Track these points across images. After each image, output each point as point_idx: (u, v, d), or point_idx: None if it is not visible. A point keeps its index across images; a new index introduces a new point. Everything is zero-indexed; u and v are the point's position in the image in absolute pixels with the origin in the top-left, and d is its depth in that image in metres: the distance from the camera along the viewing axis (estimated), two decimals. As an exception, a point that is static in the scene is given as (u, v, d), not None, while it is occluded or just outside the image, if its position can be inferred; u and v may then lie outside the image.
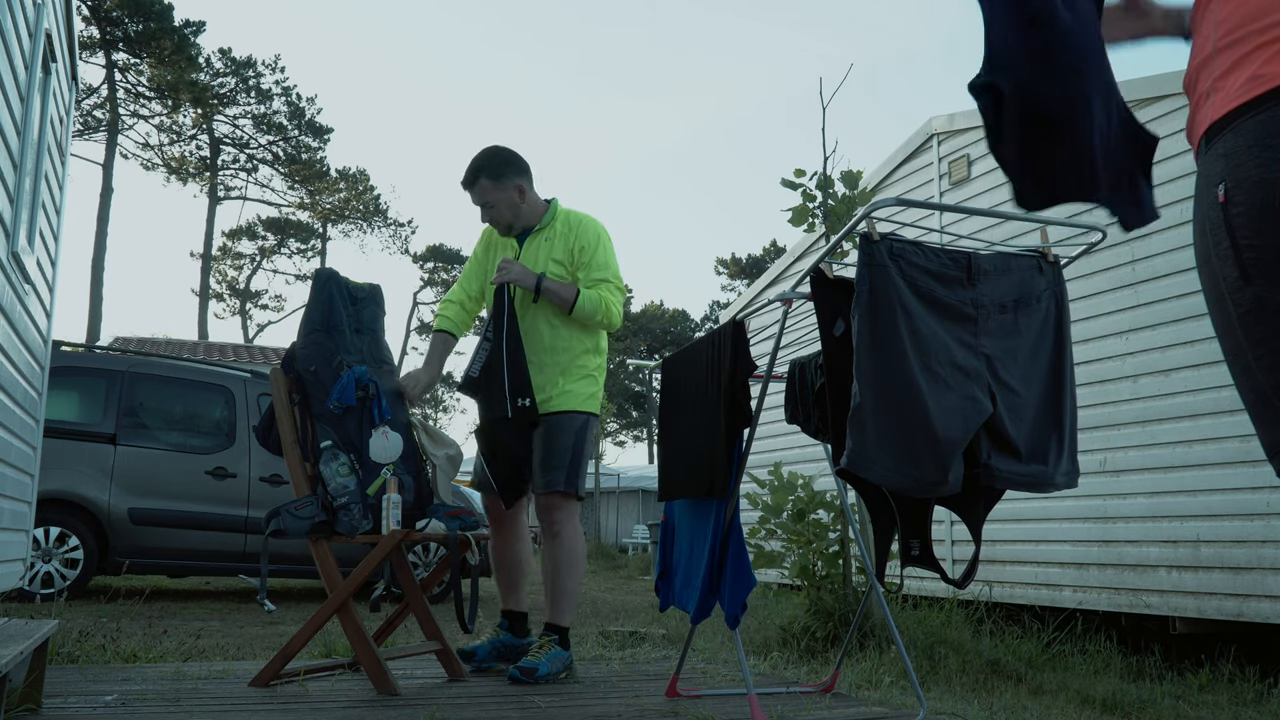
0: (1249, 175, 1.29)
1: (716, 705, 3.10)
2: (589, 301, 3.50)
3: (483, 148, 3.69)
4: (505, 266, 3.53)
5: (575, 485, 3.54)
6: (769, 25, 76.64)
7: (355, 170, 39.07)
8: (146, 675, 3.37)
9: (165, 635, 5.00)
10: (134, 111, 33.52)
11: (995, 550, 6.63)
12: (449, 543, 3.26)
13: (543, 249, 3.64)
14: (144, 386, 7.62)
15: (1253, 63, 1.34)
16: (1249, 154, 1.30)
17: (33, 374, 4.68)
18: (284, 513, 3.16)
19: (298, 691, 3.10)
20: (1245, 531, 5.18)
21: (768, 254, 43.33)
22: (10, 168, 3.85)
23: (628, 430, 50.57)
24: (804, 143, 67.12)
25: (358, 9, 67.11)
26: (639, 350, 44.09)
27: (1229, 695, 4.57)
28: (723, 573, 2.89)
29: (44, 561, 6.87)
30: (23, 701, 2.63)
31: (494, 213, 3.62)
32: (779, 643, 5.02)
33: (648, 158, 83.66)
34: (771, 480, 5.49)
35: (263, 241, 40.12)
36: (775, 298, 2.86)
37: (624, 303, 3.74)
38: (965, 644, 4.73)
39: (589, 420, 3.61)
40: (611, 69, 78.35)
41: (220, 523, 7.35)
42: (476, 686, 3.35)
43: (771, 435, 8.40)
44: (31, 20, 4.10)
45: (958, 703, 3.61)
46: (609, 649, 4.78)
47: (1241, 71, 1.35)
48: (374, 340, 3.54)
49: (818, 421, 3.20)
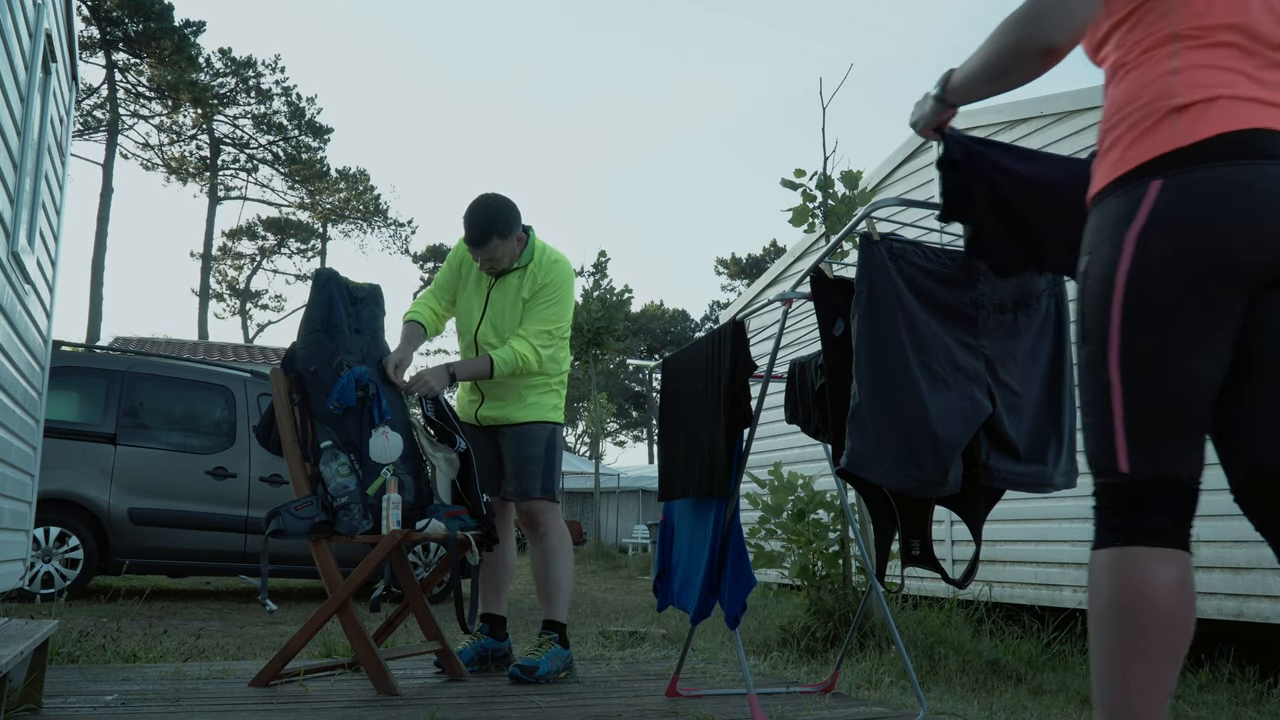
0: (1103, 254, 1.47)
1: (716, 705, 3.10)
2: (504, 363, 3.55)
3: (481, 202, 3.59)
4: (417, 378, 3.53)
5: (552, 490, 3.68)
6: (769, 25, 76.67)
7: (355, 170, 39.12)
8: (146, 675, 3.37)
9: (165, 635, 5.00)
10: (134, 111, 33.55)
11: (995, 550, 6.63)
12: (449, 543, 3.26)
13: (512, 287, 3.66)
14: (144, 386, 7.62)
15: (1119, 146, 1.50)
16: (1104, 234, 1.47)
17: (33, 374, 4.68)
18: (284, 513, 3.16)
19: (298, 691, 3.10)
20: (1245, 531, 5.18)
21: (768, 254, 43.35)
22: (10, 168, 3.85)
23: (628, 430, 50.58)
24: (804, 143, 67.12)
25: (358, 9, 67.16)
26: (639, 350, 44.11)
27: (1229, 695, 4.57)
28: (723, 573, 2.89)
29: (44, 561, 6.86)
30: (23, 701, 2.63)
31: (494, 262, 3.63)
32: (779, 643, 5.02)
33: (648, 158, 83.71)
34: (771, 480, 5.49)
35: (263, 241, 40.14)
36: (775, 298, 2.86)
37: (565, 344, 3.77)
38: (965, 644, 4.73)
39: (555, 429, 3.74)
40: (612, 69, 78.39)
41: (220, 523, 7.35)
42: (476, 686, 3.35)
43: (771, 435, 8.40)
44: (31, 20, 4.10)
45: (958, 703, 3.61)
46: (609, 649, 4.78)
47: (1112, 153, 1.51)
48: (374, 340, 3.54)
49: (818, 421, 3.20)
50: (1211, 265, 1.40)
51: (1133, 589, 1.40)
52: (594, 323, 15.62)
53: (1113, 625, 1.42)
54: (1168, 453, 1.45)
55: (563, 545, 3.65)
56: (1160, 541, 1.43)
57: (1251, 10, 1.50)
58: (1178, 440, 1.45)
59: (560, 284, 3.68)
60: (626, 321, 17.33)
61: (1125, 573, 1.42)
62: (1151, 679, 1.39)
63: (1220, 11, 1.49)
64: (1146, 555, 1.42)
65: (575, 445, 45.56)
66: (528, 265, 3.67)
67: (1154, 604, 1.39)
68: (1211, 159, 1.41)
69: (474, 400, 3.73)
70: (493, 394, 3.68)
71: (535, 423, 3.67)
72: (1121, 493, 1.47)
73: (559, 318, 3.68)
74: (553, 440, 3.71)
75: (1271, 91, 1.46)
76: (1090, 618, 1.48)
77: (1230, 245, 1.40)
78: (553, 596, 3.60)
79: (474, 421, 3.73)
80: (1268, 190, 1.40)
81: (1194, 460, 1.47)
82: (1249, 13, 1.49)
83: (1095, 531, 1.51)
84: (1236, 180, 1.40)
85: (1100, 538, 1.49)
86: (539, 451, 3.65)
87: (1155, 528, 1.43)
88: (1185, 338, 1.42)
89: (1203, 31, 1.48)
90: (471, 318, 3.72)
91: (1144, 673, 1.39)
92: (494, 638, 3.75)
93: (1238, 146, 1.41)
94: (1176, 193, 1.42)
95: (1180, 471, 1.45)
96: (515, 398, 3.66)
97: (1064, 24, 1.51)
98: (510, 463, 3.67)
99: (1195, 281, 1.41)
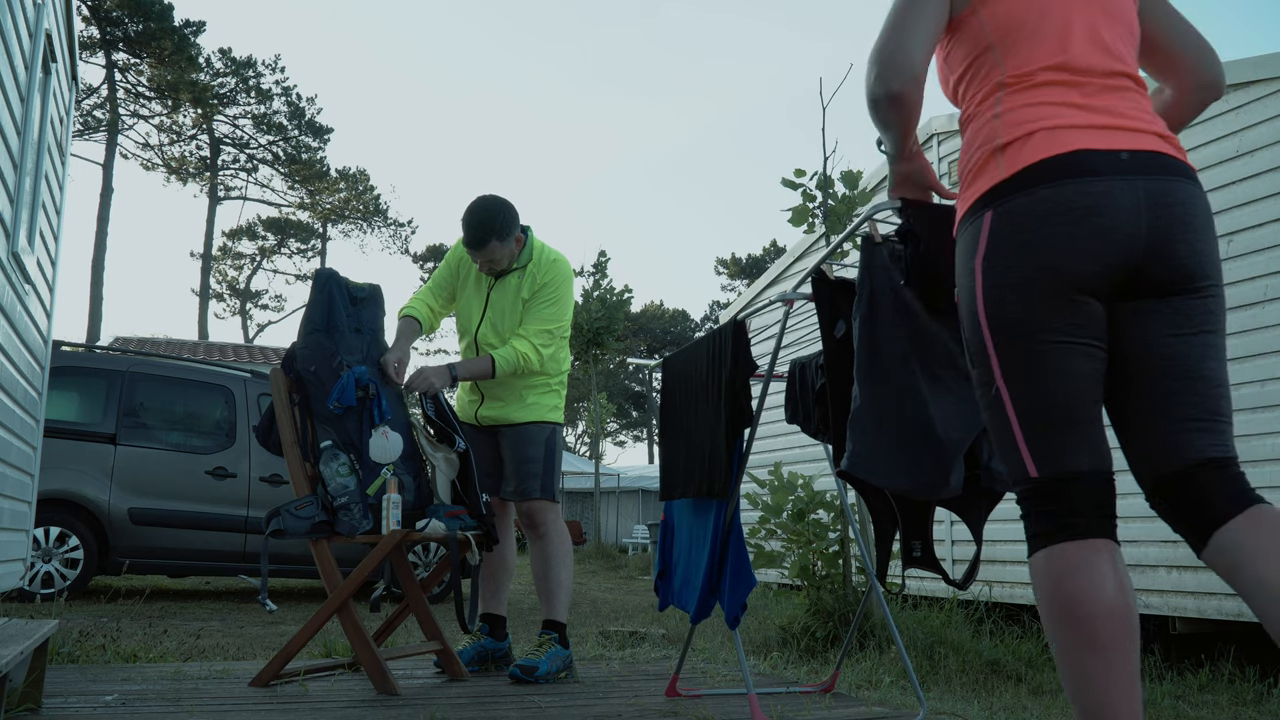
0: (962, 284, 1.65)
1: (716, 705, 3.10)
2: (505, 363, 3.56)
3: (479, 204, 3.58)
4: (418, 374, 3.54)
5: (552, 491, 3.68)
6: (770, 25, 76.67)
7: (355, 170, 39.07)
8: (146, 675, 3.36)
9: (165, 635, 5.00)
10: (134, 111, 33.53)
11: (995, 550, 6.63)
12: (449, 543, 3.26)
13: (511, 287, 3.66)
14: (144, 386, 7.61)
15: (963, 187, 1.70)
16: (961, 265, 1.66)
17: (33, 374, 4.68)
18: (284, 513, 3.16)
19: (298, 691, 3.10)
20: (1245, 532, 5.17)
21: (768, 254, 43.34)
22: (10, 168, 3.85)
23: (628, 430, 50.56)
24: (804, 143, 67.13)
25: (358, 9, 67.14)
26: (639, 350, 44.09)
27: (1229, 695, 4.57)
28: (723, 572, 2.89)
29: (44, 561, 6.86)
30: (23, 701, 2.63)
31: (493, 264, 3.62)
32: (779, 643, 5.02)
33: (648, 158, 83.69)
34: (771, 480, 5.48)
35: (263, 241, 40.11)
36: (776, 298, 2.86)
37: (565, 343, 3.78)
38: (965, 644, 4.73)
39: (555, 429, 3.74)
40: (612, 69, 78.38)
41: (220, 523, 7.35)
42: (476, 686, 3.35)
43: (771, 435, 8.40)
44: (31, 20, 4.09)
45: (958, 703, 3.61)
46: (609, 649, 4.78)
47: (961, 195, 1.71)
48: (374, 340, 3.53)
49: (818, 421, 3.19)
50: (1045, 279, 1.54)
51: (1067, 585, 1.49)
52: (594, 323, 15.61)
53: (1058, 622, 1.49)
54: (1068, 450, 1.55)
55: (563, 545, 3.66)
56: (1083, 534, 1.51)
57: (1072, 48, 1.66)
58: (1074, 437, 1.55)
59: (559, 283, 3.68)
60: (626, 321, 17.32)
61: (1058, 571, 1.50)
62: (1109, 668, 1.45)
63: (1041, 56, 1.66)
64: (1074, 550, 1.50)
65: (575, 445, 45.54)
66: (527, 265, 3.67)
67: (1089, 595, 1.46)
68: (1030, 185, 1.56)
69: (474, 400, 3.73)
70: (492, 394, 3.68)
71: (535, 423, 3.67)
72: (1038, 496, 1.57)
73: (559, 317, 3.68)
74: (552, 440, 3.71)
75: (1100, 115, 1.61)
76: (1042, 621, 1.55)
77: (1055, 261, 1.53)
78: (553, 596, 3.60)
79: (474, 421, 3.73)
80: (1089, 206, 1.53)
81: (1096, 453, 1.57)
82: (1069, 51, 1.65)
83: (1027, 539, 1.59)
84: (1058, 200, 1.54)
85: (1032, 543, 1.57)
86: (539, 452, 3.65)
87: (1075, 523, 1.52)
88: (1048, 344, 1.55)
89: (1024, 77, 1.66)
90: (471, 318, 3.73)
91: (1100, 663, 1.45)
92: (494, 638, 3.75)
93: (1053, 170, 1.55)
94: (1004, 220, 1.58)
95: (1084, 465, 1.55)
96: (515, 398, 3.66)
97: (896, 74, 1.69)
98: (510, 463, 3.67)
99: (1036, 295, 1.54)
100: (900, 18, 1.71)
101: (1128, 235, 1.53)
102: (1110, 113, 1.62)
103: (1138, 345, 1.58)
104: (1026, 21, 1.68)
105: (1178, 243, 1.55)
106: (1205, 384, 1.57)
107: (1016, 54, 1.68)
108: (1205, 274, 1.57)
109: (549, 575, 3.62)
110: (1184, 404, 1.57)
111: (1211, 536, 1.52)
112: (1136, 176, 1.55)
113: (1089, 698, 1.46)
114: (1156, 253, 1.54)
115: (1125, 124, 1.61)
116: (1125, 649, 1.45)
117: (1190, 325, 1.57)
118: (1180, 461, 1.56)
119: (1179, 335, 1.57)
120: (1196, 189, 1.60)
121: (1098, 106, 1.62)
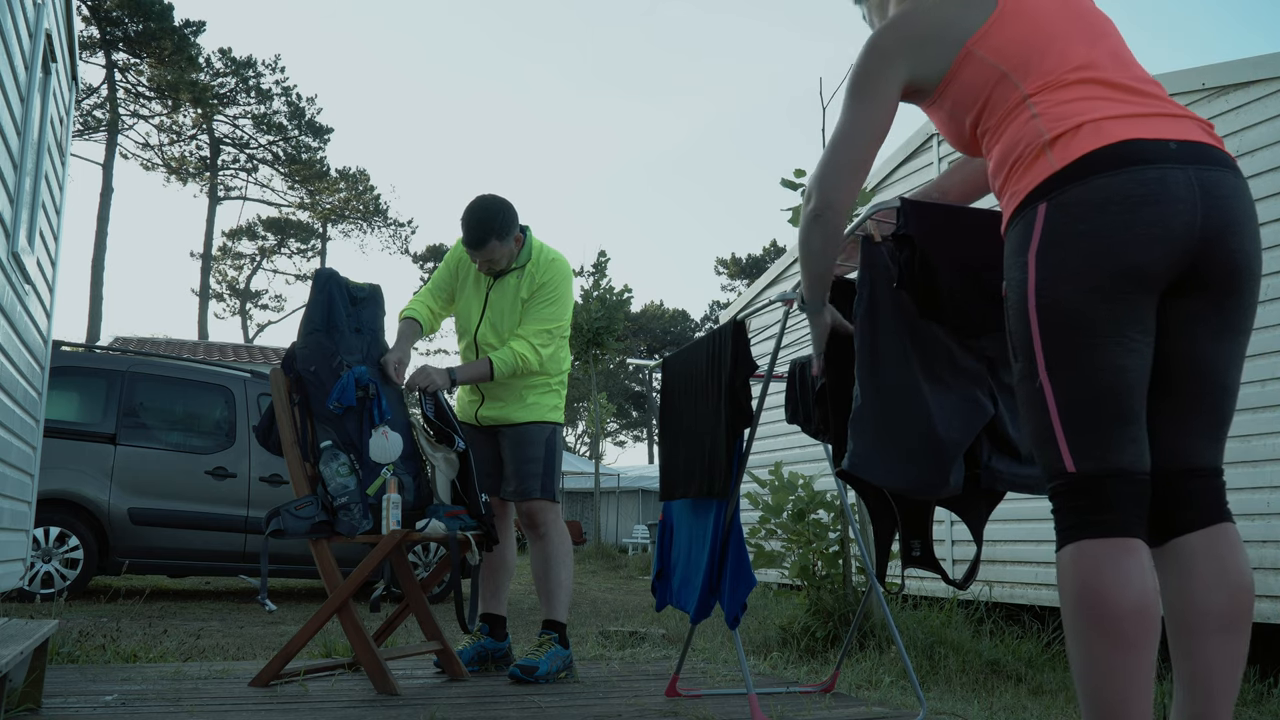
0: (1013, 277, 1.64)
1: (716, 705, 3.09)
2: (503, 364, 3.56)
3: (478, 204, 3.58)
4: (420, 372, 3.54)
5: (552, 491, 3.68)
6: (770, 25, 76.66)
7: (355, 170, 39.07)
8: (146, 675, 3.36)
9: (165, 635, 5.00)
10: (134, 111, 33.53)
11: (995, 550, 6.63)
12: (449, 543, 3.26)
13: (510, 287, 3.66)
14: (144, 386, 7.61)
15: (1010, 185, 1.68)
16: (1011, 259, 1.65)
17: (33, 374, 4.68)
18: (284, 513, 3.16)
19: (298, 691, 3.10)
20: (1245, 531, 5.17)
21: (768, 254, 43.33)
22: (10, 168, 3.85)
23: (628, 430, 50.57)
24: (804, 143, 67.12)
25: (358, 9, 67.15)
26: (639, 350, 44.10)
27: (1229, 695, 4.56)
28: (723, 572, 2.89)
29: (44, 561, 6.86)
30: (23, 701, 2.63)
31: (492, 264, 3.62)
32: (779, 643, 5.02)
33: (648, 158, 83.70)
34: (771, 480, 5.48)
35: (263, 241, 40.11)
36: (776, 298, 2.86)
37: (564, 343, 3.78)
38: (965, 644, 4.73)
39: (555, 429, 3.74)
40: (612, 69, 78.38)
41: (220, 523, 7.35)
42: (476, 686, 3.35)
43: (771, 435, 8.39)
44: (31, 20, 4.09)
45: (958, 703, 3.61)
46: (609, 649, 4.78)
47: (1007, 194, 1.70)
48: (374, 340, 3.53)
49: (818, 421, 3.19)
50: (1102, 270, 1.52)
51: (1094, 582, 1.48)
52: (594, 323, 15.61)
53: (1081, 619, 1.49)
54: (1108, 447, 1.54)
55: (563, 545, 3.66)
56: (1116, 533, 1.50)
57: (1091, 55, 1.68)
58: (1115, 434, 1.54)
59: (558, 283, 3.68)
60: (626, 321, 17.32)
61: (1086, 567, 1.50)
62: (1128, 666, 1.45)
63: (1062, 66, 1.67)
64: (1105, 548, 1.50)
65: (575, 445, 45.55)
66: (526, 265, 3.67)
67: (1118, 593, 1.46)
68: (1084, 175, 1.55)
69: (474, 400, 3.74)
70: (492, 394, 3.68)
71: (535, 423, 3.67)
72: (1073, 492, 1.56)
73: (558, 317, 3.68)
74: (552, 440, 3.71)
75: (1139, 104, 1.61)
76: (1063, 616, 1.54)
77: (1114, 250, 1.52)
78: (553, 596, 3.60)
79: (474, 422, 3.73)
80: (1145, 194, 1.51)
81: (1136, 451, 1.56)
82: (1090, 56, 1.68)
83: (1056, 532, 1.59)
84: (1114, 188, 1.53)
85: (1061, 537, 1.57)
86: (539, 452, 3.65)
87: (1109, 521, 1.51)
88: (1098, 338, 1.53)
89: (1050, 84, 1.66)
90: (471, 319, 3.73)
91: (1121, 661, 1.45)
92: (494, 638, 3.75)
93: (1107, 160, 1.54)
94: (1059, 210, 1.56)
95: (1124, 464, 1.54)
96: (515, 398, 3.67)
97: (837, 187, 1.83)
98: (510, 463, 3.67)
99: (1092, 287, 1.53)
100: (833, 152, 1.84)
101: (1184, 224, 1.52)
102: (1149, 99, 1.62)
103: (1179, 344, 1.58)
104: (1035, 44, 1.70)
105: (1230, 235, 1.54)
106: (1224, 393, 1.60)
107: (1034, 71, 1.68)
108: (1252, 270, 1.58)
109: (549, 575, 3.62)
110: (1203, 410, 1.59)
111: (1172, 540, 1.57)
112: (1189, 165, 1.54)
113: (1105, 694, 1.46)
114: (1210, 245, 1.53)
115: (1166, 110, 1.61)
116: (1147, 648, 1.46)
117: (1229, 326, 1.58)
118: (1181, 463, 1.58)
119: (1218, 339, 1.58)
120: (1241, 181, 1.59)
121: (1133, 98, 1.62)
